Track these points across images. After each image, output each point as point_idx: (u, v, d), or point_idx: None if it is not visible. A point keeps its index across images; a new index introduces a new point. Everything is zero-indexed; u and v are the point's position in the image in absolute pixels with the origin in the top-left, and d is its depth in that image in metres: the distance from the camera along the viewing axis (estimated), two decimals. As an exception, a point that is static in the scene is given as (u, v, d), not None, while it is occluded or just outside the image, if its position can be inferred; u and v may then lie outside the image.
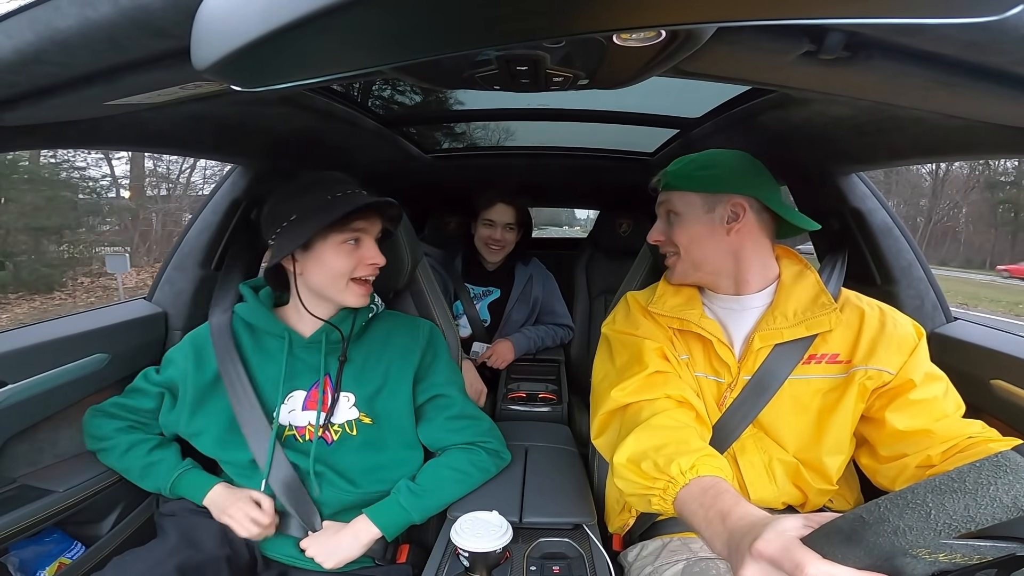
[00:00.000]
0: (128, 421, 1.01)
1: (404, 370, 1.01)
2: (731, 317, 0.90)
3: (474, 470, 0.99)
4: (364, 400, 0.98)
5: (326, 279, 0.93)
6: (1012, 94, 0.47)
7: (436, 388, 1.03)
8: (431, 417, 1.03)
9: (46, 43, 0.45)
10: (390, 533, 0.92)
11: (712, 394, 0.88)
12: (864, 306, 0.87)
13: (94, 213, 11.68)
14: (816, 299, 0.85)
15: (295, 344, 0.98)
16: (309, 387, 0.98)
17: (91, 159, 11.22)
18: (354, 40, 0.32)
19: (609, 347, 0.96)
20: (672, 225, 0.92)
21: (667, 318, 0.92)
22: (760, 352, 0.85)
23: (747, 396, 0.85)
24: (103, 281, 10.06)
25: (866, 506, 0.42)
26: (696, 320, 0.89)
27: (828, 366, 0.84)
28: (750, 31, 0.44)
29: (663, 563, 0.84)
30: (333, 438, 0.97)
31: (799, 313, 0.84)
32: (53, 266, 9.70)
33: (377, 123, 1.35)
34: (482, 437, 1.04)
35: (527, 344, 1.82)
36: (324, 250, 0.92)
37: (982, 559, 0.42)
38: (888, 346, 0.80)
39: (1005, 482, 0.35)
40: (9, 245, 9.28)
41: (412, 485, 0.95)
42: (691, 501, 0.65)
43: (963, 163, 7.47)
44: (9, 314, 8.25)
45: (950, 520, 0.37)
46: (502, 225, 1.77)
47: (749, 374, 0.85)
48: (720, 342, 0.87)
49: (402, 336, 1.05)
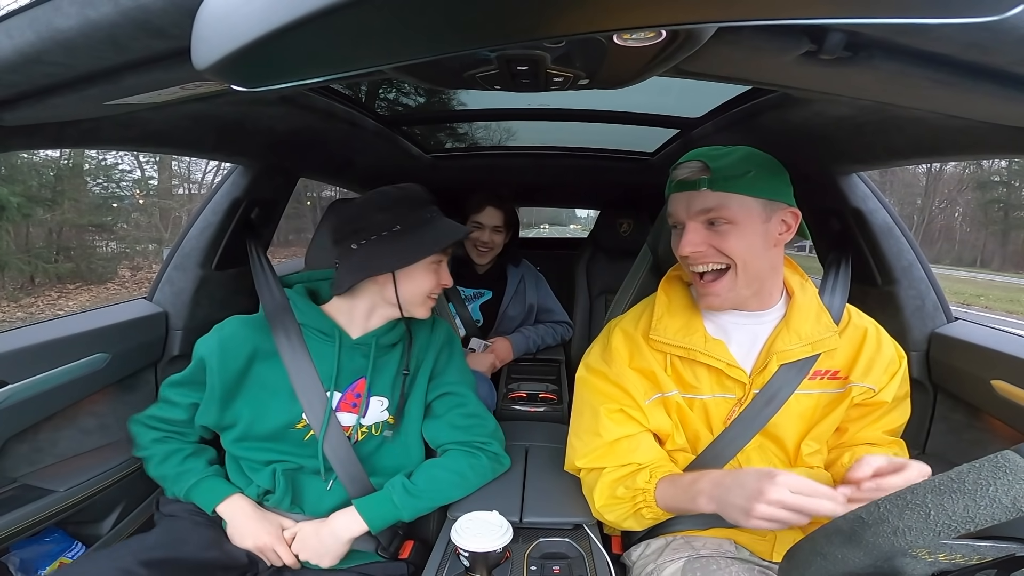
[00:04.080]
0: (164, 432, 1.00)
1: (423, 370, 1.03)
2: (741, 331, 0.87)
3: (472, 474, 0.99)
4: (393, 404, 1.00)
5: (412, 294, 0.96)
6: (1012, 94, 0.47)
7: (447, 386, 1.04)
8: (439, 414, 1.03)
9: (47, 43, 0.45)
10: (376, 527, 0.92)
11: (722, 410, 0.87)
12: (866, 325, 0.89)
13: (133, 211, 12.58)
14: (819, 318, 0.86)
15: (344, 344, 0.98)
16: (345, 389, 0.98)
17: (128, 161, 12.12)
18: (354, 40, 0.32)
19: (580, 392, 0.95)
20: (722, 234, 0.79)
21: (669, 346, 0.87)
22: (771, 368, 0.85)
23: (756, 409, 0.85)
24: (143, 275, 10.75)
25: (866, 507, 0.42)
26: (702, 347, 0.85)
27: (828, 382, 0.87)
28: (750, 31, 0.44)
29: (664, 560, 0.85)
30: (359, 438, 0.99)
31: (808, 334, 0.84)
32: (107, 259, 10.55)
33: (378, 123, 1.35)
34: (485, 439, 1.03)
35: (526, 344, 1.82)
36: (419, 268, 0.95)
37: (981, 559, 0.42)
38: (879, 366, 0.86)
39: (1004, 483, 0.35)
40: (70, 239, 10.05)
41: (408, 484, 0.94)
42: (667, 497, 0.80)
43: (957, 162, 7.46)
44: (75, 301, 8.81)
45: (949, 521, 0.37)
46: (490, 227, 1.78)
47: (759, 388, 0.85)
48: (731, 366, 0.85)
49: (423, 337, 1.06)
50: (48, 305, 8.41)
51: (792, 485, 0.65)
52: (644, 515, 0.83)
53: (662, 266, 1.10)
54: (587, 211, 12.97)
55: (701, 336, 0.86)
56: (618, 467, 0.85)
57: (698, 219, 0.80)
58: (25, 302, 8.32)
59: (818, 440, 0.88)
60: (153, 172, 13.02)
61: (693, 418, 0.88)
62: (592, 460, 0.88)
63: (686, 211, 0.81)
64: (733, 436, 0.85)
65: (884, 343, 0.88)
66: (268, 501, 0.96)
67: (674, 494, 0.80)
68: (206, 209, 1.27)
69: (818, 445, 0.88)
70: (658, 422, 0.88)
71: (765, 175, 0.80)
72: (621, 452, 0.86)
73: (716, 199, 0.78)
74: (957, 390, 1.11)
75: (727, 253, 0.79)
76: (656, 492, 0.81)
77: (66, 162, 9.83)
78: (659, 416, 0.88)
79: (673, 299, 0.91)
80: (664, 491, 0.81)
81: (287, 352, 0.95)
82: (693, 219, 0.80)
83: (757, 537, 0.86)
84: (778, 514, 0.65)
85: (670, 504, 0.80)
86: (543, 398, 1.59)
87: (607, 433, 0.86)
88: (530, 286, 1.92)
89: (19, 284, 8.68)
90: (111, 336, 1.11)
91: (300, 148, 1.25)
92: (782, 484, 0.65)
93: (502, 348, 1.76)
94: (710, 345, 0.85)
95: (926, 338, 1.16)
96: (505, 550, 0.77)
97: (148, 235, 12.10)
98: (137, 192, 12.72)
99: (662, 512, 0.81)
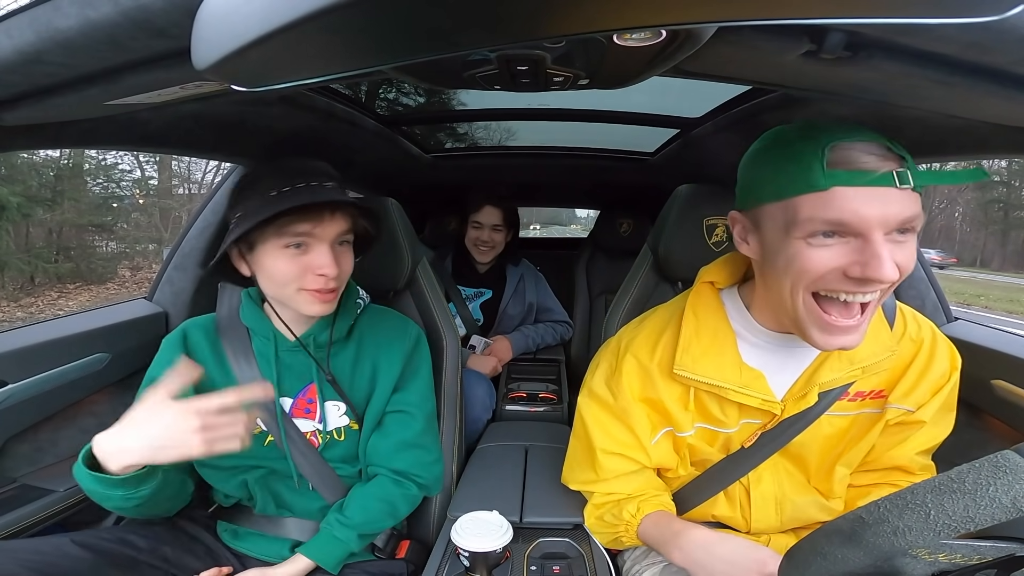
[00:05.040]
0: None
1: (389, 374, 0.96)
2: (782, 357, 0.74)
3: (404, 505, 0.94)
4: (355, 408, 0.94)
5: (272, 286, 0.84)
6: (1012, 94, 0.47)
7: (405, 404, 0.96)
8: (388, 432, 0.95)
9: (47, 43, 0.45)
10: (332, 566, 0.87)
11: (743, 435, 0.78)
12: (924, 337, 0.74)
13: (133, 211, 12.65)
14: (877, 336, 0.71)
15: (280, 347, 0.91)
16: (295, 395, 0.92)
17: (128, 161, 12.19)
18: (354, 40, 0.32)
19: (581, 416, 0.85)
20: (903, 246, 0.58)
21: (697, 382, 0.73)
22: (809, 398, 0.72)
23: (780, 430, 0.75)
24: (143, 275, 10.84)
25: (866, 506, 0.42)
26: (736, 383, 0.71)
27: (868, 402, 0.76)
28: (750, 31, 0.44)
29: (647, 563, 0.85)
30: (320, 443, 0.93)
31: (863, 357, 0.71)
32: (107, 259, 10.61)
33: (378, 123, 1.35)
34: (420, 470, 0.96)
35: (525, 343, 1.83)
36: (264, 255, 0.80)
37: (982, 559, 0.42)
38: (924, 385, 0.74)
39: (1004, 483, 0.35)
40: (70, 239, 10.12)
41: (342, 518, 0.88)
42: (648, 536, 0.79)
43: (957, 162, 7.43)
44: (75, 301, 8.85)
45: (949, 520, 0.37)
46: (489, 226, 1.79)
47: (790, 415, 0.74)
48: (766, 401, 0.72)
49: (388, 336, 0.98)
50: (48, 305, 8.44)
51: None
52: (623, 542, 0.83)
53: (662, 266, 1.10)
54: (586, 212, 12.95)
55: (736, 368, 0.72)
56: (607, 494, 0.85)
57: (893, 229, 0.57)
58: (25, 302, 8.35)
59: (849, 466, 0.77)
60: (153, 172, 13.09)
61: (706, 449, 0.80)
62: (583, 487, 0.89)
63: (883, 216, 0.55)
64: (746, 456, 0.77)
65: (938, 356, 0.74)
66: (255, 509, 0.94)
67: (654, 536, 0.78)
68: (206, 209, 1.27)
69: (849, 470, 0.78)
70: (661, 458, 0.80)
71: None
72: (614, 484, 0.84)
73: (916, 201, 0.57)
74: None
75: (903, 272, 0.58)
76: (639, 528, 0.80)
77: (66, 162, 9.88)
78: (664, 452, 0.80)
79: (702, 321, 0.76)
80: (646, 529, 0.79)
81: (231, 357, 0.90)
82: (889, 229, 0.56)
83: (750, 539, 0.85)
84: None
85: (649, 541, 0.80)
86: (543, 398, 1.60)
87: (602, 472, 0.83)
88: (529, 285, 1.93)
89: (19, 284, 8.72)
90: (111, 336, 1.11)
91: (300, 148, 1.24)
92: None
93: (501, 347, 1.77)
94: (746, 378, 0.72)
95: None
96: (505, 550, 0.77)
97: (148, 235, 12.15)
98: (137, 192, 12.78)
99: (639, 543, 0.82)
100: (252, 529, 0.94)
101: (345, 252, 0.86)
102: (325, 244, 0.81)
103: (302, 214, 0.78)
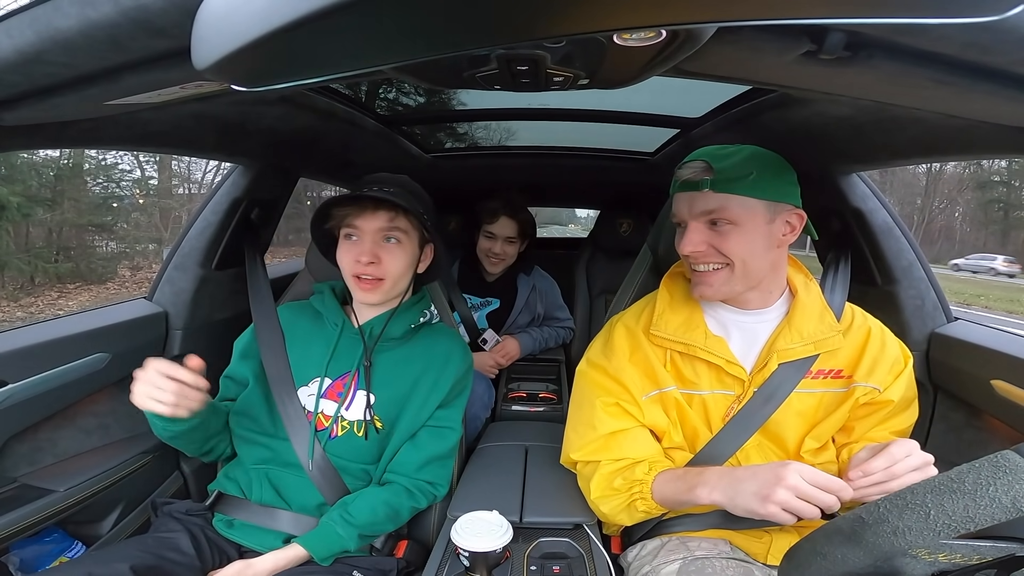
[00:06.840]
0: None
1: (438, 389, 1.00)
2: (741, 328, 0.88)
3: (407, 513, 0.98)
4: (382, 404, 0.98)
5: (343, 272, 0.98)
6: (1012, 94, 0.47)
7: (447, 421, 1.02)
8: (422, 445, 1.00)
9: (47, 43, 0.45)
10: (324, 559, 0.89)
11: (721, 407, 0.88)
12: (870, 324, 0.89)
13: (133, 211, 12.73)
14: (822, 317, 0.86)
15: (345, 332, 1.01)
16: (336, 377, 0.99)
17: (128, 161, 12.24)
18: (354, 40, 0.32)
19: (578, 385, 0.96)
20: (723, 234, 0.80)
21: (670, 342, 0.88)
22: (771, 366, 0.85)
23: (754, 407, 0.85)
24: (143, 275, 10.85)
25: (866, 506, 0.42)
26: (702, 344, 0.85)
27: (832, 381, 0.87)
28: (750, 31, 0.44)
29: (661, 562, 0.85)
30: (338, 433, 0.97)
31: (810, 333, 0.84)
32: (107, 259, 10.67)
33: (378, 123, 1.35)
34: (441, 483, 1.02)
35: (532, 345, 1.82)
36: (340, 245, 0.98)
37: (981, 559, 0.42)
38: (883, 366, 0.86)
39: (1004, 483, 0.35)
40: (70, 239, 10.20)
41: (346, 515, 0.91)
42: (665, 488, 0.81)
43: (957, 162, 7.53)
44: (75, 301, 8.89)
45: (949, 521, 0.37)
46: (503, 238, 1.73)
47: (758, 386, 0.85)
48: (730, 363, 0.85)
49: (446, 354, 1.03)
50: (48, 305, 8.44)
51: (806, 475, 0.68)
52: (637, 507, 0.83)
53: (662, 266, 1.10)
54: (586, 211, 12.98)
55: (702, 332, 0.87)
56: (615, 460, 0.86)
57: (700, 219, 0.81)
58: (25, 302, 8.35)
59: (819, 439, 0.87)
60: (153, 172, 13.12)
61: (691, 415, 0.88)
62: (588, 453, 0.89)
63: (689, 211, 0.83)
64: (732, 434, 0.86)
65: (889, 343, 0.88)
66: (252, 498, 0.96)
67: (674, 486, 0.80)
68: (206, 209, 1.27)
69: (819, 443, 0.88)
70: (654, 418, 0.88)
71: (769, 176, 0.80)
72: (617, 446, 0.86)
73: (718, 200, 0.79)
74: (957, 390, 1.11)
75: (727, 253, 0.80)
76: (653, 484, 0.82)
77: (66, 162, 9.90)
78: (656, 413, 0.88)
79: (675, 295, 0.92)
80: (662, 483, 0.81)
81: (267, 353, 1.00)
82: (695, 219, 0.82)
83: (753, 538, 0.86)
84: (793, 502, 0.66)
85: (667, 496, 0.81)
86: (543, 398, 1.60)
87: (602, 426, 0.86)
88: (541, 297, 1.89)
89: (19, 284, 8.72)
90: (111, 336, 1.11)
91: (300, 148, 1.25)
92: (795, 471, 0.68)
93: (511, 347, 1.76)
94: (710, 341, 0.86)
95: (926, 338, 1.16)
96: (505, 550, 0.77)
97: (148, 235, 12.16)
98: (137, 192, 12.81)
99: (655, 506, 0.82)
100: (247, 521, 0.95)
101: (391, 249, 0.96)
102: (368, 236, 0.94)
103: (354, 211, 0.94)
